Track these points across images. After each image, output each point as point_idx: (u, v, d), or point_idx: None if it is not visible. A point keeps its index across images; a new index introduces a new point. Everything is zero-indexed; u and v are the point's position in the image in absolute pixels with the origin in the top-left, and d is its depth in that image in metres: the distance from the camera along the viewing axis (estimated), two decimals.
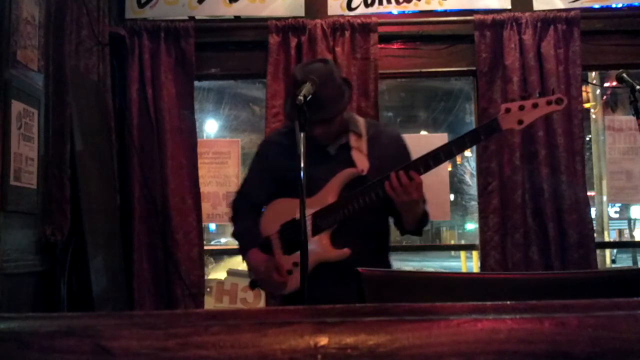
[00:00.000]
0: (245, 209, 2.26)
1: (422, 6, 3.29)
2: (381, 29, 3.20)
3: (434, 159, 1.99)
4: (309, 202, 1.72)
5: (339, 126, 2.12)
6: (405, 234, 2.30)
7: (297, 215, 2.09)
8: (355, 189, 2.05)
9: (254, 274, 2.16)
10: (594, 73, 4.78)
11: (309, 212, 1.73)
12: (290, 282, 2.14)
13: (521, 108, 1.96)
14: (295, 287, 2.12)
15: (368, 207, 2.04)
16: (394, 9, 3.32)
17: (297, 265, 2.11)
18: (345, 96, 2.10)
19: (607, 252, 7.47)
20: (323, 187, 2.06)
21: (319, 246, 1.86)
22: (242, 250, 2.23)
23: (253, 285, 2.28)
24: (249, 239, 2.21)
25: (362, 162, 2.08)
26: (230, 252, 2.41)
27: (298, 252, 2.09)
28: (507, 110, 1.96)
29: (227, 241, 2.39)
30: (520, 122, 1.96)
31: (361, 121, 2.19)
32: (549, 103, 1.98)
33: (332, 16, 3.23)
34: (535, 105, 1.97)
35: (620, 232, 12.13)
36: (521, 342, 0.50)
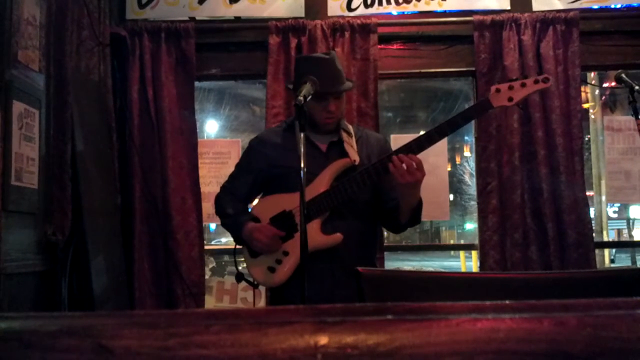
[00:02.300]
0: (230, 199, 2.31)
1: (422, 7, 3.29)
2: (381, 30, 3.21)
3: (428, 139, 2.08)
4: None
5: (341, 113, 2.25)
6: (398, 230, 2.34)
7: (287, 208, 2.15)
8: (346, 177, 2.12)
9: (253, 243, 2.19)
10: (593, 73, 4.80)
11: (299, 202, 1.78)
12: (279, 273, 2.17)
13: (510, 88, 2.05)
14: (284, 278, 2.16)
15: (358, 196, 2.10)
16: (394, 10, 3.32)
17: (286, 254, 2.15)
18: (348, 81, 2.27)
19: (606, 251, 7.48)
20: (315, 179, 2.10)
21: (309, 234, 1.90)
22: (236, 231, 2.26)
23: (239, 279, 2.31)
24: (241, 218, 2.25)
25: (353, 154, 2.16)
26: (230, 252, 2.41)
27: (288, 242, 2.15)
28: (498, 91, 2.06)
29: (228, 241, 2.40)
30: (510, 99, 2.05)
31: (350, 125, 2.34)
32: (536, 82, 2.07)
33: (332, 17, 3.24)
34: (523, 85, 2.06)
35: (619, 231, 12.13)
36: (520, 342, 0.50)
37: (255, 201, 2.49)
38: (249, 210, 2.35)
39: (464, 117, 2.10)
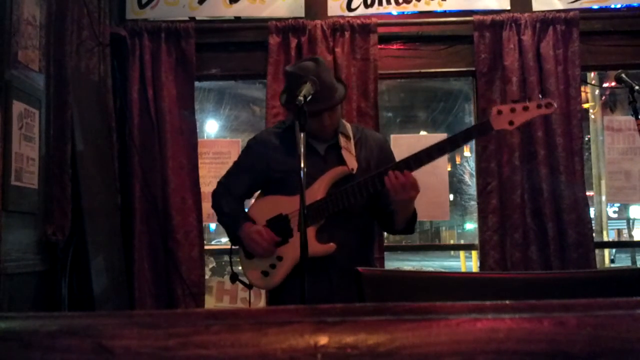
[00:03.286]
0: (227, 196, 2.31)
1: (422, 7, 3.29)
2: (381, 30, 3.21)
3: (427, 156, 2.06)
4: (298, 198, 1.76)
5: (337, 121, 2.19)
6: (394, 234, 2.34)
7: (283, 211, 2.15)
8: (343, 187, 2.10)
9: (249, 244, 2.19)
10: (592, 73, 4.80)
11: (297, 208, 1.77)
12: (273, 278, 2.16)
13: (512, 110, 2.03)
14: (277, 282, 2.15)
15: (354, 205, 2.09)
16: (394, 10, 3.32)
17: (280, 259, 2.15)
18: (341, 88, 2.21)
19: (606, 251, 7.49)
20: (312, 184, 2.09)
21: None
22: (233, 229, 2.25)
23: (234, 279, 2.30)
24: (238, 216, 2.24)
25: (351, 162, 2.15)
26: (230, 252, 2.41)
27: (282, 247, 2.14)
28: (499, 112, 2.04)
29: (227, 241, 2.39)
30: (511, 123, 2.04)
31: (348, 125, 2.30)
32: (538, 106, 2.05)
33: (332, 17, 3.24)
34: (525, 108, 2.04)
35: (619, 231, 12.15)
36: (520, 342, 0.50)
37: (252, 200, 2.48)
38: (246, 210, 2.34)
39: (464, 136, 2.10)
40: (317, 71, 2.09)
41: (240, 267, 2.33)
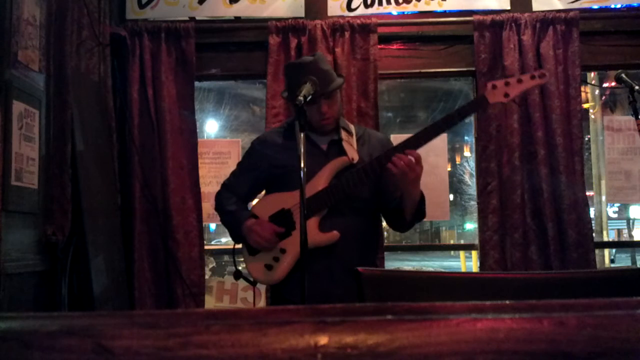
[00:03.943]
0: (230, 197, 2.33)
1: (422, 7, 3.29)
2: (381, 30, 3.21)
3: (425, 136, 2.09)
4: (299, 192, 1.77)
5: (337, 113, 2.20)
6: (403, 229, 2.35)
7: (285, 206, 2.16)
8: (344, 175, 2.13)
9: (251, 237, 2.20)
10: (592, 73, 4.80)
11: (299, 201, 1.78)
12: (277, 271, 2.18)
13: (507, 84, 2.07)
14: (282, 276, 2.17)
15: (356, 193, 2.10)
16: (394, 10, 3.32)
17: (284, 252, 2.16)
18: (339, 79, 2.26)
19: (606, 251, 7.48)
20: (314, 177, 2.11)
21: (307, 231, 1.91)
22: (235, 228, 2.27)
23: (237, 276, 2.32)
24: (241, 215, 2.26)
25: (352, 153, 2.17)
26: (230, 252, 2.41)
27: (285, 240, 2.16)
28: (494, 87, 2.07)
29: (228, 241, 2.41)
30: (506, 95, 2.06)
31: (352, 125, 2.34)
32: (532, 77, 2.09)
33: (332, 17, 3.24)
34: (519, 81, 2.07)
35: (619, 232, 12.14)
36: (520, 342, 0.50)
37: (255, 200, 2.50)
38: (249, 209, 2.36)
39: (460, 114, 2.11)
40: (315, 62, 2.14)
41: (243, 266, 2.34)
